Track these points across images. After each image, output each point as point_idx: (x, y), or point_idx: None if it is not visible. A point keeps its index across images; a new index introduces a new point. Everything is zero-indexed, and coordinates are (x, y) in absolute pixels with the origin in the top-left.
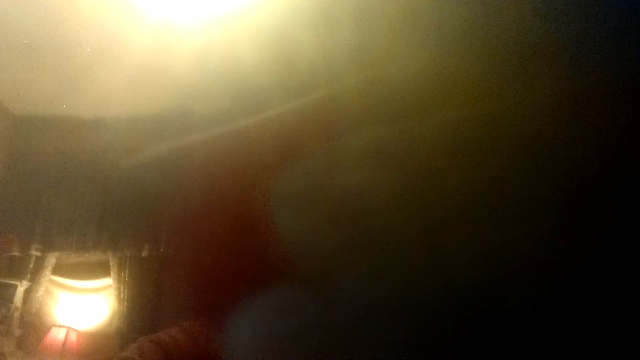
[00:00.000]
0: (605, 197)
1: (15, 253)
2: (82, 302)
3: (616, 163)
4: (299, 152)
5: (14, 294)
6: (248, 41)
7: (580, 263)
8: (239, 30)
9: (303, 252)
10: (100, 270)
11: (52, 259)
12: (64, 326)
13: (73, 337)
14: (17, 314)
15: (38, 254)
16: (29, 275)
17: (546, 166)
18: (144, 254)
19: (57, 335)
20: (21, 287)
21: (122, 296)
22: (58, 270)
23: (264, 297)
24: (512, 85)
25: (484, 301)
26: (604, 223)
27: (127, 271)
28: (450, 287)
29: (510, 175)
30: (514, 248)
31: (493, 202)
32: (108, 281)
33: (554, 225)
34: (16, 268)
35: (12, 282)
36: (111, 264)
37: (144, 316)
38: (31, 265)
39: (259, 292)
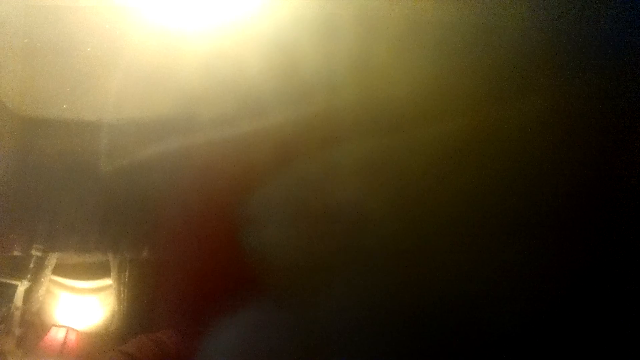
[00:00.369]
0: (603, 205)
1: (16, 253)
2: (82, 302)
3: (614, 170)
4: (300, 159)
5: (14, 294)
6: (252, 49)
7: (577, 277)
8: (243, 38)
9: (292, 264)
10: (101, 270)
11: (52, 259)
12: (63, 326)
13: (73, 337)
14: (17, 314)
15: (39, 254)
16: (29, 275)
17: (544, 176)
18: (145, 255)
19: (56, 335)
20: (22, 287)
21: (122, 297)
22: (58, 270)
23: (251, 308)
24: (511, 96)
25: (469, 319)
26: (599, 232)
27: (127, 272)
28: (433, 304)
29: (511, 183)
30: (505, 271)
31: (492, 210)
32: (108, 282)
33: (549, 236)
34: (17, 268)
35: (12, 281)
36: (111, 264)
37: (143, 317)
38: (32, 265)
39: (249, 298)
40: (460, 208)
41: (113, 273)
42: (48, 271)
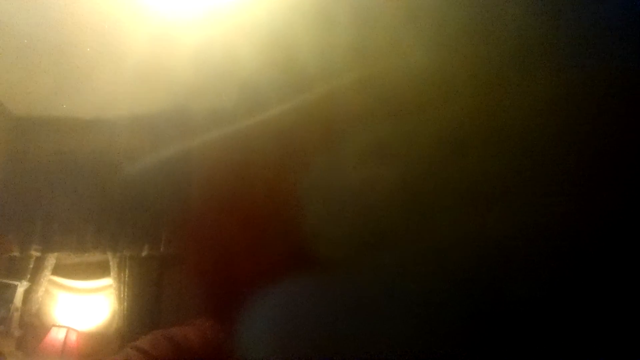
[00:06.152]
0: (604, 193)
1: (15, 253)
2: (82, 302)
3: (615, 158)
4: (299, 149)
5: (14, 294)
6: (248, 39)
7: (578, 259)
8: (239, 29)
9: (305, 248)
10: (100, 270)
11: (51, 260)
12: (64, 326)
13: (73, 337)
14: (17, 314)
15: (38, 254)
16: (28, 276)
17: (545, 162)
18: (144, 253)
19: (57, 335)
20: (21, 288)
21: (122, 296)
22: (58, 270)
23: (267, 294)
24: (510, 82)
25: (485, 297)
26: (601, 219)
27: (127, 271)
28: (452, 283)
29: (510, 170)
30: (513, 241)
31: (492, 197)
32: (108, 281)
33: (553, 220)
34: (16, 268)
35: (12, 282)
36: (111, 264)
37: (144, 316)
38: (31, 266)
39: (261, 289)
40: (462, 198)
41: (113, 272)
42: (47, 271)
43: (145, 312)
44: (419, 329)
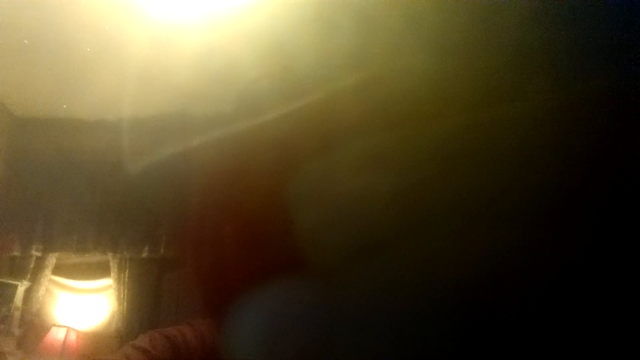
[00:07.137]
0: (603, 205)
1: (16, 253)
2: (82, 302)
3: (615, 171)
4: (299, 155)
5: (14, 294)
6: (248, 44)
7: (575, 272)
8: (240, 33)
9: (305, 254)
10: (101, 270)
11: (52, 259)
12: (64, 326)
13: (73, 337)
14: (17, 314)
15: (38, 254)
16: (29, 275)
17: (545, 174)
18: (144, 254)
19: (57, 335)
20: (21, 287)
21: (122, 296)
22: (58, 270)
23: (267, 297)
24: (512, 92)
25: (480, 308)
26: (600, 231)
27: (127, 272)
28: (447, 293)
29: (509, 182)
30: (511, 254)
31: (490, 209)
32: (108, 282)
33: (551, 232)
34: (16, 268)
35: (12, 282)
36: (111, 264)
37: (143, 317)
38: (31, 266)
39: (260, 292)
40: (461, 206)
41: (113, 273)
42: (48, 271)
43: (145, 313)
44: (412, 338)
